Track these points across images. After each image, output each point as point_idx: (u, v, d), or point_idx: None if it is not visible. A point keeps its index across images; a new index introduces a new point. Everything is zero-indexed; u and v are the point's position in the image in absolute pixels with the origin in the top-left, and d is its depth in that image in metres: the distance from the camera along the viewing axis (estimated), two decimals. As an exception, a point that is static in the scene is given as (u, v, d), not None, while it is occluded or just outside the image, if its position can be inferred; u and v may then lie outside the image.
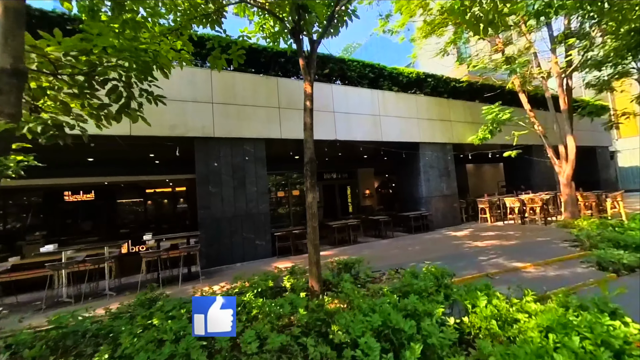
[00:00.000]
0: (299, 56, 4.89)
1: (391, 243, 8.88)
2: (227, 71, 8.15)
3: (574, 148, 8.95)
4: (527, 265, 5.41)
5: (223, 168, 7.85)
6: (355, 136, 9.79)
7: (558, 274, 4.90)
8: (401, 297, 3.42)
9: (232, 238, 7.76)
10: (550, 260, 5.63)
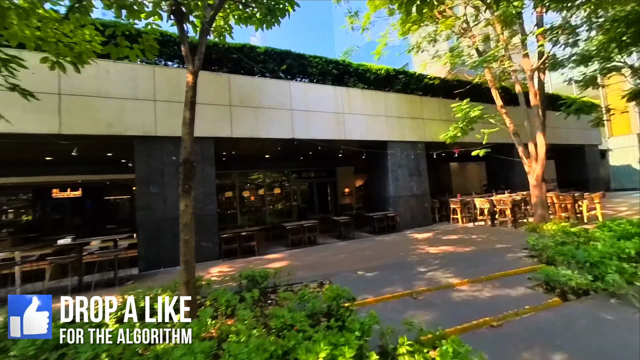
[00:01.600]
0: (180, 42, 3.93)
1: (347, 246, 7.91)
2: (172, 68, 7.33)
3: (544, 146, 7.71)
4: (463, 281, 4.37)
5: (166, 168, 7.05)
6: (315, 135, 8.82)
7: (493, 295, 3.87)
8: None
9: (174, 240, 6.96)
10: (493, 275, 4.57)
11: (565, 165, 17.27)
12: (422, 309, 3.60)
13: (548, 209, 7.78)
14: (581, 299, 3.57)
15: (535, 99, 7.85)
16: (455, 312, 3.46)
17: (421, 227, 10.12)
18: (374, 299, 3.94)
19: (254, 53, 8.31)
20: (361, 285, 4.58)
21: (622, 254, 4.11)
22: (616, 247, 4.19)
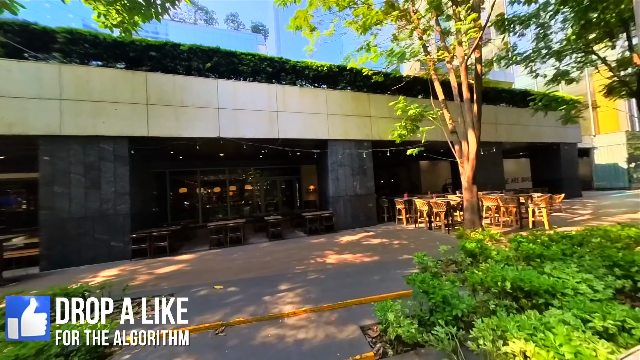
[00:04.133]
0: None
1: (264, 248, 6.79)
2: (80, 66, 6.46)
3: (475, 145, 6.16)
4: (301, 310, 3.17)
5: (73, 167, 6.24)
6: (245, 133, 7.71)
7: (310, 337, 2.64)
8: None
9: (80, 240, 6.19)
10: (351, 301, 3.31)
11: (540, 164, 15.07)
12: (193, 355, 2.49)
13: (480, 213, 6.27)
14: (402, 355, 2.30)
15: (467, 92, 6.28)
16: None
17: (362, 227, 8.81)
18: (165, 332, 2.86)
19: (177, 51, 7.28)
20: (193, 305, 3.51)
21: (495, 288, 2.76)
22: (495, 275, 2.82)
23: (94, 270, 5.62)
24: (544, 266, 3.00)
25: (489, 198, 7.78)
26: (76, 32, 6.44)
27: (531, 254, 3.48)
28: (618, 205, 10.82)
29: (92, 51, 6.60)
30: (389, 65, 7.61)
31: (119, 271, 5.45)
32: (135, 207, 6.87)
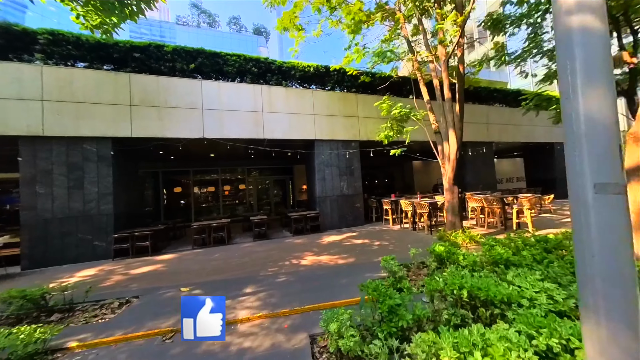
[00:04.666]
0: None
1: (246, 248, 6.65)
2: (63, 67, 6.35)
3: (456, 145, 5.89)
4: (256, 316, 3.02)
5: (56, 168, 6.15)
6: (229, 134, 7.57)
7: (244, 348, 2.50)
8: None
9: (63, 239, 6.11)
10: (310, 307, 3.16)
11: (534, 163, 14.69)
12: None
13: (461, 214, 6.02)
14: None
15: (448, 92, 6.02)
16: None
17: (349, 227, 8.62)
18: (113, 338, 2.72)
19: (161, 52, 7.15)
20: (152, 309, 3.38)
21: (451, 296, 2.57)
22: (453, 282, 2.63)
23: (74, 270, 5.53)
24: (508, 273, 2.80)
25: (474, 199, 7.53)
26: (58, 33, 6.34)
27: (498, 259, 3.27)
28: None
29: (75, 52, 6.49)
30: (372, 66, 7.37)
31: (96, 271, 5.35)
32: (119, 207, 6.78)
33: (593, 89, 0.95)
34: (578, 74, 0.98)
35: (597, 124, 0.94)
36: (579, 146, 0.96)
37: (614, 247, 0.89)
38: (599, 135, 0.93)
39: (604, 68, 0.96)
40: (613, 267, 0.90)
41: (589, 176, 0.94)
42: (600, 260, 0.91)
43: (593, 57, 0.96)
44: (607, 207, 0.90)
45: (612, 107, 0.94)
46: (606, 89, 0.95)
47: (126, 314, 3.33)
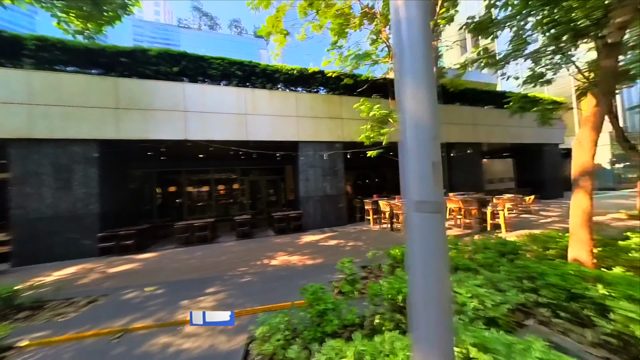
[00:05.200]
0: None
1: (226, 247, 6.69)
2: (51, 72, 6.41)
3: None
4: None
5: (44, 169, 6.24)
6: (212, 136, 7.58)
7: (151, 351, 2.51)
8: None
9: (51, 238, 6.21)
10: (255, 308, 3.17)
11: (523, 164, 14.47)
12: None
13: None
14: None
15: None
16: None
17: (331, 227, 8.61)
18: (65, 337, 2.76)
19: (146, 56, 7.18)
20: (114, 308, 3.42)
21: (387, 301, 2.54)
22: (392, 287, 2.60)
23: (59, 268, 5.61)
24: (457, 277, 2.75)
25: (452, 200, 7.45)
26: (46, 39, 6.40)
27: (464, 263, 3.23)
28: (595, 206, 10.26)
29: (63, 57, 6.55)
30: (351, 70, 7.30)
31: (78, 269, 5.43)
32: (106, 207, 6.85)
33: (417, 102, 0.90)
34: (406, 82, 0.92)
35: (419, 138, 0.88)
36: (407, 161, 0.91)
37: (432, 268, 0.86)
38: (420, 150, 0.88)
39: (426, 76, 0.91)
40: (430, 288, 0.87)
41: (411, 193, 0.90)
42: (419, 281, 0.88)
43: (419, 67, 0.91)
44: (425, 226, 0.87)
45: (432, 121, 0.89)
46: (429, 102, 0.90)
47: (88, 313, 3.37)
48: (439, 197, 0.86)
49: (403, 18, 0.88)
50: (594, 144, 2.91)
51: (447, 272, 0.88)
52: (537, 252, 3.76)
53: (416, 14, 0.88)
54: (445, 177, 11.75)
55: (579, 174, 2.95)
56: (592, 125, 2.90)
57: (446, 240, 0.91)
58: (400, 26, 0.89)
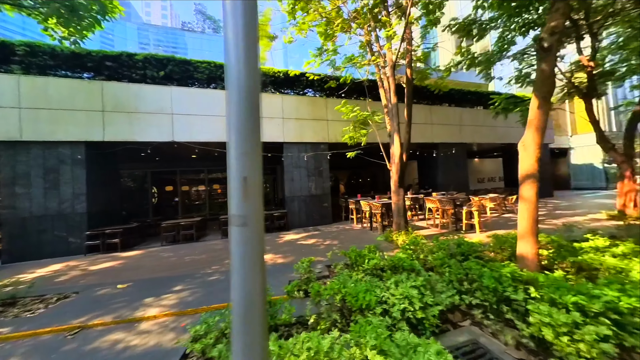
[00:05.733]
0: None
1: (206, 246, 6.75)
2: (39, 77, 6.49)
3: (399, 149, 5.79)
4: (159, 314, 3.08)
5: (33, 170, 6.35)
6: (198, 137, 7.63)
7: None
8: None
9: (40, 236, 6.33)
10: (210, 307, 3.21)
11: (511, 164, 14.30)
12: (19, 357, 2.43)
13: (406, 216, 5.92)
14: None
15: (394, 97, 5.90)
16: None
17: (316, 226, 8.63)
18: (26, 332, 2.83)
19: (133, 60, 7.24)
20: (82, 305, 3.49)
21: (328, 301, 2.55)
22: (333, 287, 2.61)
23: (45, 265, 5.73)
24: (390, 279, 2.76)
25: (430, 199, 7.41)
26: (35, 45, 6.49)
27: (400, 264, 3.23)
28: (580, 206, 10.15)
29: (51, 62, 6.64)
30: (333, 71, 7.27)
31: (61, 267, 5.54)
32: (95, 206, 6.96)
33: (239, 117, 0.88)
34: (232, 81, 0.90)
35: (236, 152, 0.86)
36: (228, 175, 0.90)
37: (248, 280, 0.87)
38: (233, 165, 0.87)
39: (250, 92, 0.89)
40: (247, 296, 0.86)
41: (230, 206, 0.89)
42: (238, 293, 0.87)
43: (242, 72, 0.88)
44: (238, 238, 0.87)
45: (246, 135, 0.86)
46: (249, 116, 0.88)
47: (57, 309, 3.45)
48: (249, 210, 0.85)
49: (231, 33, 0.88)
50: (538, 146, 2.87)
51: (262, 286, 0.89)
52: (494, 253, 3.74)
53: (244, 31, 0.88)
54: (431, 176, 11.69)
55: (524, 177, 2.92)
56: (535, 127, 2.86)
57: (261, 252, 0.91)
58: (228, 39, 0.89)
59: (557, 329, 1.82)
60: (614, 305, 1.97)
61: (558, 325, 1.83)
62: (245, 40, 0.89)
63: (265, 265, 0.92)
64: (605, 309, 1.96)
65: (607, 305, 1.95)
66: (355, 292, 2.45)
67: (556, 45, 2.65)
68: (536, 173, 2.83)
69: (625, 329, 1.95)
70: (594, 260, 2.91)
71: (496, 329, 2.33)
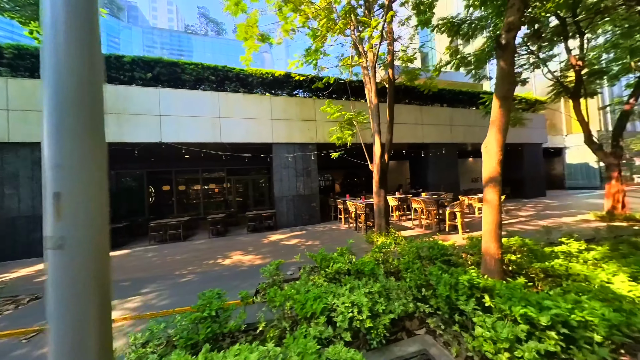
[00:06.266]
0: None
1: (189, 246, 6.68)
2: (26, 79, 6.46)
3: (379, 150, 5.62)
4: (118, 318, 3.00)
5: (21, 171, 6.33)
6: (186, 138, 7.55)
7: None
8: None
9: (29, 236, 6.33)
10: (169, 311, 3.11)
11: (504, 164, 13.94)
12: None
13: (387, 217, 5.75)
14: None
15: (375, 97, 5.73)
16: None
17: (304, 225, 8.51)
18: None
19: (121, 62, 7.17)
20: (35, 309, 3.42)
21: (280, 308, 2.43)
22: (284, 294, 2.49)
23: (31, 264, 5.71)
24: (346, 285, 2.63)
25: (415, 200, 7.24)
26: (23, 47, 6.45)
27: (362, 269, 3.10)
28: (571, 206, 9.87)
29: (39, 64, 6.58)
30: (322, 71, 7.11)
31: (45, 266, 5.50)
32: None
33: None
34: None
35: (45, 166, 0.74)
36: (43, 187, 0.77)
37: (67, 321, 0.73)
38: (44, 179, 0.74)
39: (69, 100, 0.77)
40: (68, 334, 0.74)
41: (45, 225, 0.77)
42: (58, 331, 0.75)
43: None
44: (56, 265, 0.75)
45: (53, 147, 0.73)
46: (51, 128, 0.74)
47: (24, 311, 3.39)
48: (66, 231, 0.73)
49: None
50: (500, 148, 2.71)
51: (95, 317, 0.77)
52: (467, 255, 3.58)
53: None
54: (422, 176, 11.47)
55: (487, 180, 2.76)
56: (497, 128, 2.70)
57: (91, 279, 0.79)
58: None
59: (499, 344, 1.68)
60: (565, 317, 1.82)
61: (500, 340, 1.68)
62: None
63: (107, 292, 0.79)
64: (554, 322, 1.81)
65: (556, 319, 1.80)
66: (304, 299, 2.33)
67: (513, 43, 2.47)
68: (498, 176, 2.67)
69: (577, 343, 1.80)
70: (561, 267, 2.74)
71: (448, 339, 2.19)
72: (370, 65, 5.64)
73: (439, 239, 5.26)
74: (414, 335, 2.39)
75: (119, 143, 7.05)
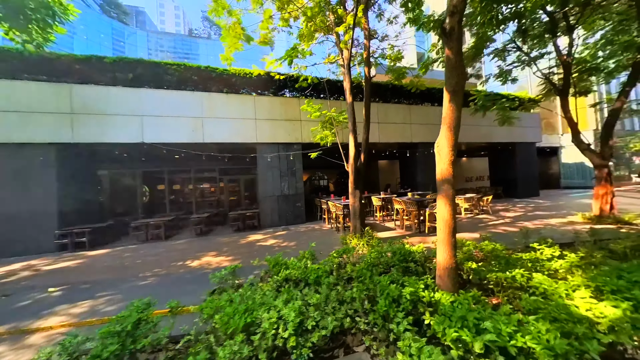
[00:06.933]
0: None
1: (171, 245, 6.47)
2: (5, 80, 6.32)
3: (354, 149, 5.33)
4: (56, 325, 2.80)
5: (2, 171, 6.22)
6: (168, 139, 7.36)
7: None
8: None
9: (10, 235, 6.22)
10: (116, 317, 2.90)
11: (497, 163, 13.54)
12: None
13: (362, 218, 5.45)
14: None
15: (349, 96, 5.43)
16: None
17: (288, 225, 8.27)
18: None
19: (102, 63, 7.00)
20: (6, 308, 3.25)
21: (209, 320, 2.19)
22: (215, 304, 2.25)
23: (8, 263, 5.59)
24: (284, 295, 2.38)
25: (396, 201, 6.93)
26: (3, 49, 6.32)
27: (316, 276, 2.84)
28: (562, 206, 9.43)
29: (20, 66, 6.47)
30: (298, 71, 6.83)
31: (21, 266, 5.36)
32: (68, 206, 6.79)
33: None
34: None
35: None
36: None
37: None
38: None
39: None
40: None
41: None
42: None
43: None
44: None
45: None
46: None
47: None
48: None
49: None
50: (452, 147, 2.42)
51: None
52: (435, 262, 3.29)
53: None
54: (412, 176, 11.12)
55: (440, 182, 2.47)
56: (448, 126, 2.41)
57: None
58: None
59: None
60: (504, 343, 1.54)
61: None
62: None
63: None
64: (490, 349, 1.52)
65: (491, 345, 1.52)
66: (232, 312, 2.09)
67: (458, 28, 2.17)
68: (451, 177, 2.38)
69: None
70: (522, 277, 2.44)
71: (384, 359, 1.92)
72: (345, 63, 5.34)
73: (417, 240, 4.97)
74: (352, 353, 2.13)
75: (101, 143, 6.90)
